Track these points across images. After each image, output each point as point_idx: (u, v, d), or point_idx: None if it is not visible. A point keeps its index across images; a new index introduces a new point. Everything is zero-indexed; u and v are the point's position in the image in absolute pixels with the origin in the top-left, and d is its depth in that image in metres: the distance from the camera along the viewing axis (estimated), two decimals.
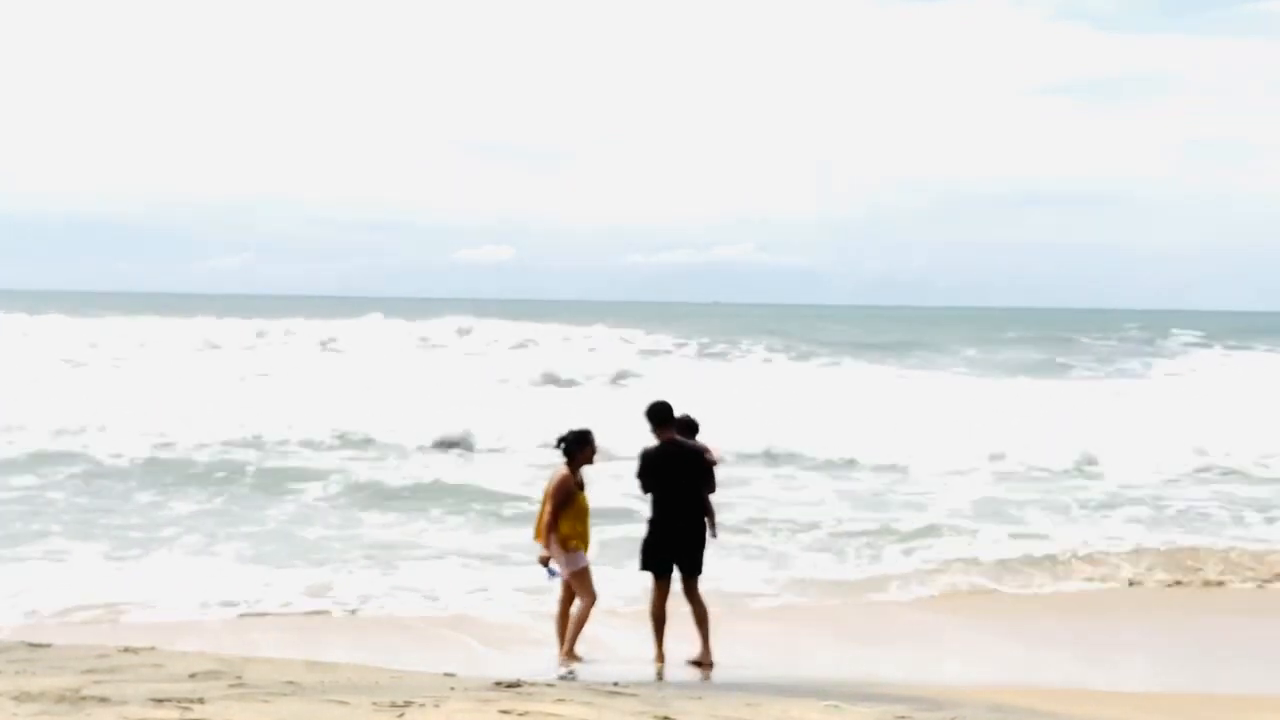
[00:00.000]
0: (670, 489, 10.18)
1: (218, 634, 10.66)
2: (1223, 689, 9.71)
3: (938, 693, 8.97)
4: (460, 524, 15.74)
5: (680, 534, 10.17)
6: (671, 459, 10.21)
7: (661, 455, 10.24)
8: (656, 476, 10.23)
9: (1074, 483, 19.80)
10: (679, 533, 10.17)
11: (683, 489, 10.18)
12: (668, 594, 10.16)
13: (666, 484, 10.20)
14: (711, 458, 10.39)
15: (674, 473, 10.19)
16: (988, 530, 15.43)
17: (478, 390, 30.46)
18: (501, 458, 21.41)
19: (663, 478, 10.21)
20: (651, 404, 10.48)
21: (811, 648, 11.03)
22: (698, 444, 10.47)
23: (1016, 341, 60.58)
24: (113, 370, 34.63)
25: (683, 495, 10.17)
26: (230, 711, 6.20)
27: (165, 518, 15.80)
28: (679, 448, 10.27)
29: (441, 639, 10.90)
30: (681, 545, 10.17)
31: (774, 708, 7.38)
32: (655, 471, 10.24)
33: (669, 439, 10.27)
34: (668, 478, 10.19)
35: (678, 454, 10.24)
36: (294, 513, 16.46)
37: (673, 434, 10.30)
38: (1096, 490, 19.02)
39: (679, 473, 10.19)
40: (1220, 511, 17.32)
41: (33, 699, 6.44)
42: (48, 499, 16.88)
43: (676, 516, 10.17)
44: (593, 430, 10.41)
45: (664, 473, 10.21)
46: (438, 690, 7.26)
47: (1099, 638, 11.46)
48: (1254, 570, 13.91)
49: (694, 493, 10.20)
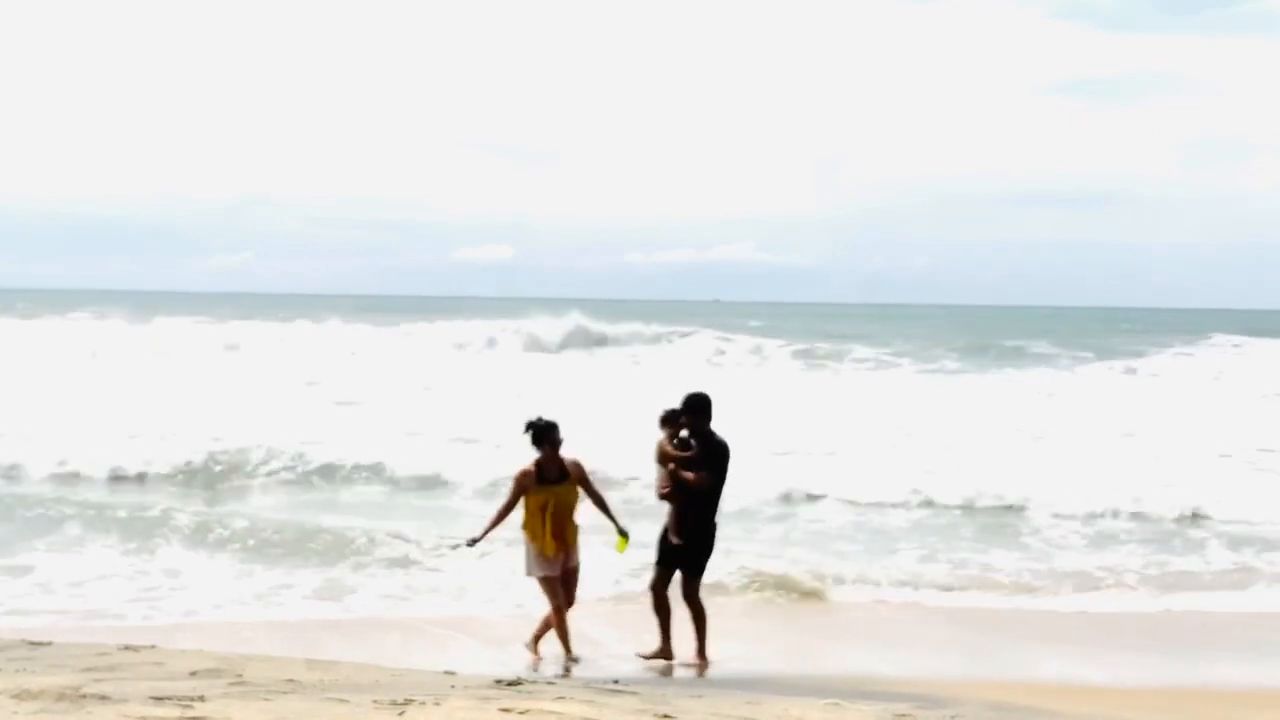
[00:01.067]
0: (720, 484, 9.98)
1: (218, 632, 10.66)
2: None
3: (938, 690, 8.98)
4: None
5: (698, 534, 10.00)
6: (711, 453, 9.92)
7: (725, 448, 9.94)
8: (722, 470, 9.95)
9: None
10: (699, 533, 9.99)
11: (711, 487, 9.96)
12: (668, 584, 10.07)
13: (721, 479, 9.98)
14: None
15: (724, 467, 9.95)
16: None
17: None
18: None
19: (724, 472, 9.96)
20: (690, 396, 10.04)
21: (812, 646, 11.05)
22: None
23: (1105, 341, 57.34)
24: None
25: (711, 494, 9.97)
26: (231, 709, 6.20)
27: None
28: (713, 440, 9.96)
29: (442, 639, 10.91)
30: (696, 545, 10.01)
31: (775, 706, 7.37)
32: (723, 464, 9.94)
33: (703, 430, 9.93)
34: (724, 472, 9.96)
35: (714, 447, 9.93)
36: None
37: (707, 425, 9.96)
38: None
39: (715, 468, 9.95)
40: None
41: (33, 697, 6.43)
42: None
43: (714, 513, 10.01)
44: (557, 424, 9.94)
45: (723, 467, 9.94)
46: (438, 688, 7.26)
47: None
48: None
49: (714, 492, 10.00)
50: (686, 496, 9.88)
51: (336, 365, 36.03)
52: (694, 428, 9.90)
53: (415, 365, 36.62)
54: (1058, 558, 14.52)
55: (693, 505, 9.90)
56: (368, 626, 11.28)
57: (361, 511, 16.47)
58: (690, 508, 9.90)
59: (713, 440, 9.92)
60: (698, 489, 9.84)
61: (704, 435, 9.91)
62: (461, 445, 20.41)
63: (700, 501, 9.90)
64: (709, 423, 9.93)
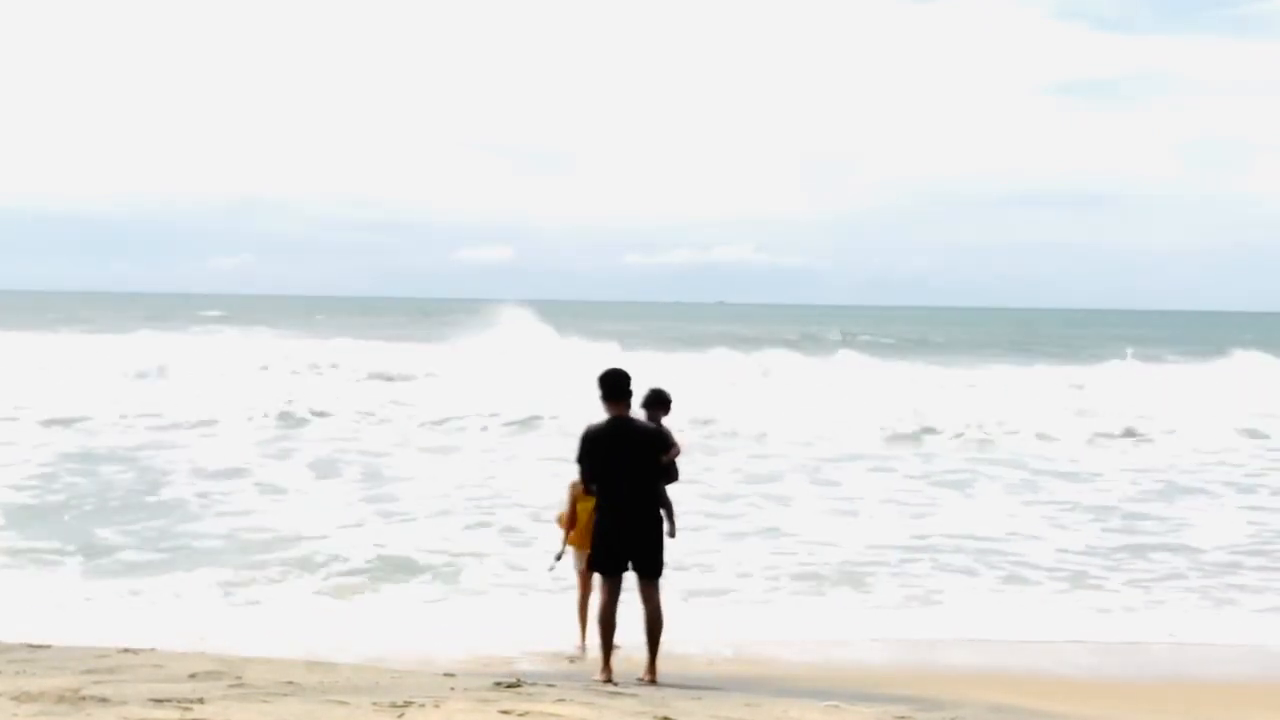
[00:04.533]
0: (617, 475, 8.78)
1: (218, 633, 10.64)
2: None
3: (938, 692, 8.98)
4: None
5: (633, 528, 8.82)
6: (620, 439, 8.83)
7: (609, 435, 8.84)
8: (602, 460, 8.81)
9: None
10: (631, 527, 8.82)
11: (634, 476, 8.79)
12: (618, 596, 8.96)
13: (613, 469, 8.79)
14: (673, 442, 9.37)
15: (623, 456, 8.79)
16: None
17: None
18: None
19: (610, 462, 8.80)
20: (605, 371, 9.05)
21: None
22: (659, 426, 9.49)
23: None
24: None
25: (634, 483, 8.79)
26: (230, 712, 6.19)
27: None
28: (629, 426, 8.92)
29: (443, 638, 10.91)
30: (635, 542, 8.84)
31: (774, 707, 7.37)
32: (600, 454, 8.82)
33: (620, 415, 8.93)
34: (615, 461, 8.78)
35: (627, 433, 8.86)
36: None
37: (625, 409, 8.97)
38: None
39: (628, 456, 8.80)
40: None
41: (33, 699, 6.43)
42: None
43: (627, 508, 8.80)
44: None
45: (611, 455, 8.79)
46: (438, 690, 7.26)
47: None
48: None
49: (647, 481, 8.86)
50: (620, 484, 8.86)
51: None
52: (610, 410, 8.99)
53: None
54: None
55: (627, 495, 8.86)
56: (368, 626, 11.28)
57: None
58: (623, 499, 8.87)
59: (634, 425, 9.07)
60: (626, 477, 8.86)
61: (624, 419, 8.99)
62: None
63: (631, 490, 8.86)
64: (627, 405, 9.03)
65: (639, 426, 9.08)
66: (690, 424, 22.21)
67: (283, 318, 71.05)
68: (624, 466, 8.82)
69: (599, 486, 8.91)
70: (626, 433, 8.89)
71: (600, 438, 8.88)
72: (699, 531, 14.59)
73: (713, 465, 20.39)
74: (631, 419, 9.05)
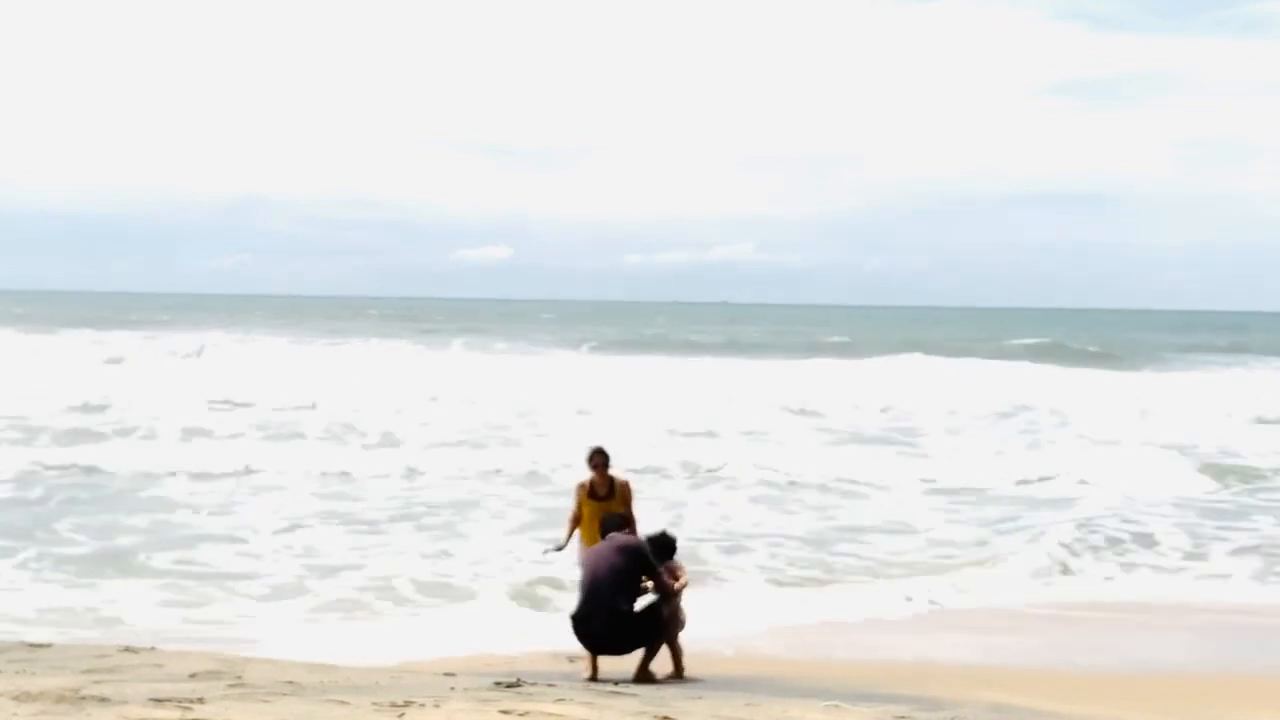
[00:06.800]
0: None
1: (221, 633, 10.65)
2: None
3: (938, 692, 8.97)
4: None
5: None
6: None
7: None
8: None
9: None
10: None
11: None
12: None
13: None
14: (669, 582, 9.50)
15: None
16: None
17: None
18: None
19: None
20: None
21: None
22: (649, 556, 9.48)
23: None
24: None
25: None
26: (230, 711, 6.18)
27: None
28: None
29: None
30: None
31: (774, 707, 7.36)
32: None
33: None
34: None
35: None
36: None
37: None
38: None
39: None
40: None
41: (33, 699, 6.42)
42: None
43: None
44: (603, 449, 10.42)
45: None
46: (438, 690, 7.26)
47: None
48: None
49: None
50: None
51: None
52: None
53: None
54: None
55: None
56: (368, 626, 11.27)
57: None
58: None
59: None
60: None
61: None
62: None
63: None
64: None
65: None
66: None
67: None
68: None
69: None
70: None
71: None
72: (699, 542, 14.60)
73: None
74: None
